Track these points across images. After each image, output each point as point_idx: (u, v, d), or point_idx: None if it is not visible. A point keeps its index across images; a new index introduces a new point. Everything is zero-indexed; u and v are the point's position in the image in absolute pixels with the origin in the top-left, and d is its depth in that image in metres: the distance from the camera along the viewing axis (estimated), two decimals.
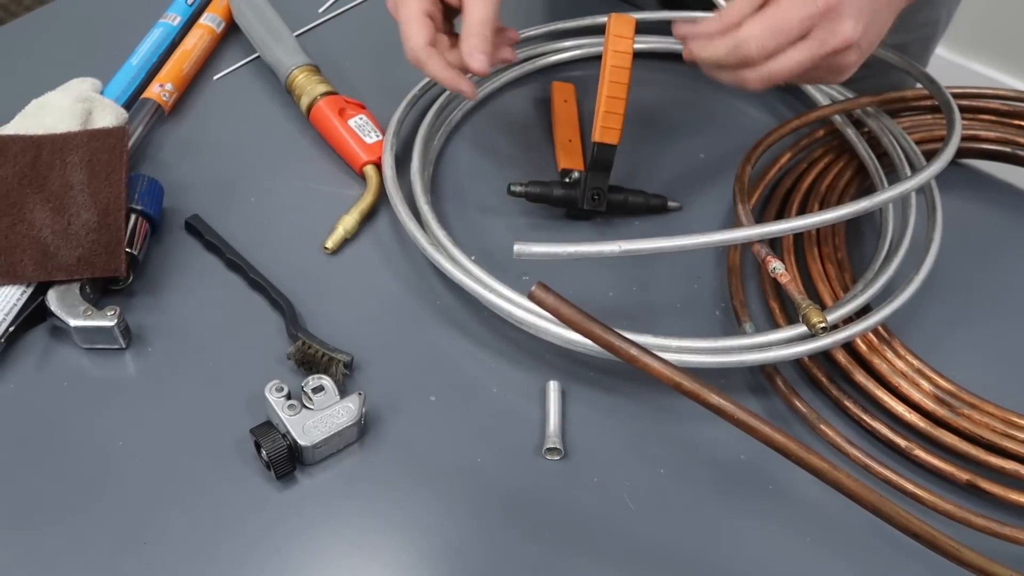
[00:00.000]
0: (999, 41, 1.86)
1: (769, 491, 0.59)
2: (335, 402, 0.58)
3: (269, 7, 0.83)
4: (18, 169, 0.65)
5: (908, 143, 0.74)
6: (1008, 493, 0.58)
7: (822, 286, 0.66)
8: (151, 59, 0.80)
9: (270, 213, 0.72)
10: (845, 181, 0.74)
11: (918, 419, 0.61)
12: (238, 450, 0.58)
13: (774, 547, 0.57)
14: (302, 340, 0.61)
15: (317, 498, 0.57)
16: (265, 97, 0.81)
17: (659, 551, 0.56)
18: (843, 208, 0.62)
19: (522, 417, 0.61)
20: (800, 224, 0.63)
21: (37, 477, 0.57)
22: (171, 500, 0.56)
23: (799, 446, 0.49)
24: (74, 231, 0.63)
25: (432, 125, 0.76)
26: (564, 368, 0.63)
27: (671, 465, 0.60)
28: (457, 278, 0.64)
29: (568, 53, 0.85)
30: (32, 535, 0.54)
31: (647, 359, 0.50)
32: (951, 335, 0.68)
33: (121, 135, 0.67)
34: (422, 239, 0.66)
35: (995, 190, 0.79)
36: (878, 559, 0.56)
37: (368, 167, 0.73)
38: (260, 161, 0.76)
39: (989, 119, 0.78)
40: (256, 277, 0.66)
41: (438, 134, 0.77)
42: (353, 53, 0.85)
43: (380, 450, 0.59)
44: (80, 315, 0.61)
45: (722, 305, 0.68)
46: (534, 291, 0.52)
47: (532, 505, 0.58)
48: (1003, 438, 0.59)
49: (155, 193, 0.68)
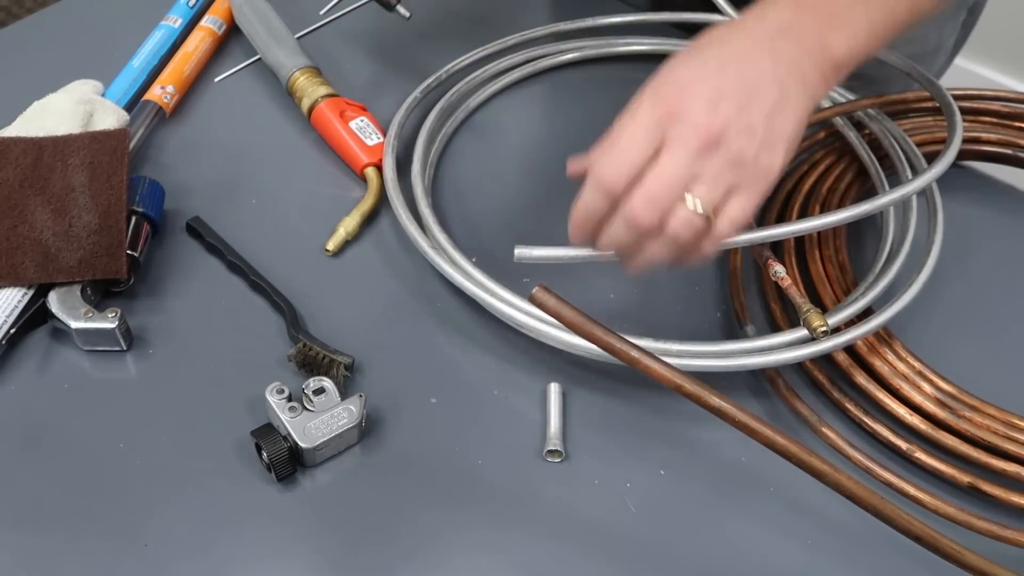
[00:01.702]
0: (999, 42, 1.86)
1: (770, 493, 0.59)
2: (336, 404, 0.58)
3: (270, 9, 0.83)
4: (19, 171, 0.65)
5: (909, 145, 0.74)
6: (1010, 496, 0.58)
7: (823, 288, 0.66)
8: (152, 61, 0.80)
9: (271, 215, 0.72)
10: (846, 183, 0.73)
11: (919, 421, 0.61)
12: (239, 452, 0.58)
13: (775, 550, 0.57)
14: (303, 342, 0.62)
15: (318, 500, 0.57)
16: (266, 99, 0.81)
17: (660, 553, 0.56)
18: (844, 211, 0.62)
19: (523, 419, 0.61)
20: (802, 227, 0.63)
21: (38, 479, 0.57)
22: (172, 502, 0.56)
23: (800, 448, 0.49)
24: (75, 233, 0.63)
25: (433, 128, 0.76)
26: (565, 370, 0.63)
27: (672, 467, 0.60)
28: (459, 282, 0.64)
29: (570, 55, 0.85)
30: (33, 537, 0.54)
31: (648, 361, 0.50)
32: (952, 337, 0.68)
33: (122, 137, 0.67)
34: (423, 243, 0.66)
35: (996, 192, 0.79)
36: (879, 562, 0.56)
37: (369, 169, 0.73)
38: (261, 163, 0.76)
39: (990, 121, 0.78)
40: (257, 279, 0.66)
41: (439, 136, 0.77)
42: (354, 55, 0.85)
43: (381, 452, 0.59)
44: (81, 317, 0.61)
45: (723, 307, 0.68)
46: (535, 293, 0.52)
47: (533, 507, 0.58)
48: (1004, 440, 0.59)
49: (156, 195, 0.68)
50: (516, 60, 0.84)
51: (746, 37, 0.52)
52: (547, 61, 0.85)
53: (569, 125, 0.83)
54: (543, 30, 0.85)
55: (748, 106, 0.50)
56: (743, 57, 0.51)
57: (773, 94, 0.50)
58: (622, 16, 0.87)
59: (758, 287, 0.70)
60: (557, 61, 0.85)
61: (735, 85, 0.50)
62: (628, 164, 0.50)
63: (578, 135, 0.81)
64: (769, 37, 0.51)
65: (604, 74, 0.86)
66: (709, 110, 0.49)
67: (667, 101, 0.50)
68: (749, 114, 0.50)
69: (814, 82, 0.52)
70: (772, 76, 0.51)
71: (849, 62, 0.53)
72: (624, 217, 0.51)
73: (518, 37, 0.84)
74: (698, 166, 0.50)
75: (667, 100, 0.50)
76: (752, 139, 0.50)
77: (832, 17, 0.51)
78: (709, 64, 0.51)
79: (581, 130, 0.81)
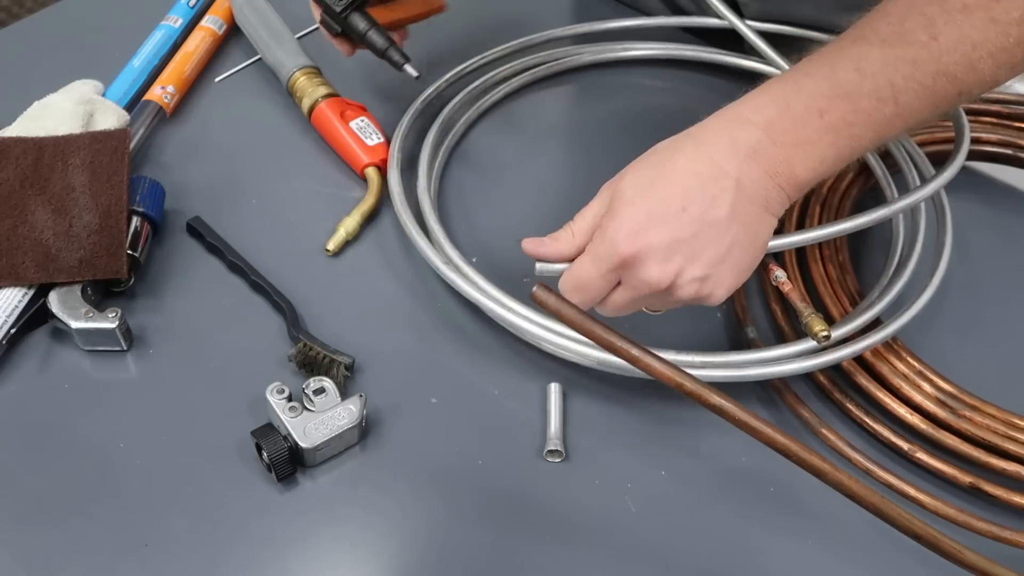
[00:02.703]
0: None
1: (770, 493, 0.59)
2: (336, 404, 0.58)
3: (271, 9, 0.83)
4: (20, 171, 0.65)
5: (912, 145, 0.73)
6: (1011, 496, 0.58)
7: (823, 289, 0.66)
8: (153, 61, 0.80)
9: (271, 215, 0.72)
10: (847, 182, 0.73)
11: (920, 421, 0.61)
12: (239, 452, 0.58)
13: (775, 549, 0.57)
14: (303, 342, 0.61)
15: (318, 500, 0.57)
16: (266, 99, 0.81)
17: (660, 553, 0.56)
18: (857, 219, 0.61)
19: (523, 419, 0.61)
20: (814, 236, 0.61)
21: (38, 479, 0.57)
22: (172, 502, 0.56)
23: (800, 447, 0.49)
24: (76, 233, 0.63)
25: (439, 133, 0.76)
26: (566, 370, 0.63)
27: (672, 467, 0.60)
28: (464, 290, 0.64)
29: (571, 59, 0.85)
30: (33, 537, 0.54)
31: (649, 360, 0.50)
32: (952, 337, 0.68)
33: (123, 137, 0.67)
34: (429, 251, 0.66)
35: (996, 192, 0.79)
36: (880, 561, 0.56)
37: (369, 169, 0.73)
38: (261, 163, 0.76)
39: (990, 121, 0.78)
40: (257, 279, 0.66)
41: (444, 141, 0.77)
42: (354, 55, 0.85)
43: (381, 452, 0.59)
44: (81, 317, 0.61)
45: (723, 309, 0.68)
46: (536, 292, 0.52)
47: (533, 507, 0.58)
48: (1004, 440, 0.59)
49: (156, 195, 0.68)
50: (528, 63, 0.84)
51: (712, 169, 0.53)
52: (556, 65, 0.85)
53: (579, 127, 0.83)
54: (558, 32, 0.85)
55: (700, 254, 0.53)
56: (705, 196, 0.52)
57: (729, 236, 0.53)
58: (632, 20, 0.87)
59: (759, 288, 0.69)
60: (566, 65, 0.85)
61: (692, 231, 0.52)
62: (590, 300, 0.56)
63: (587, 137, 0.82)
64: (737, 165, 0.52)
65: (613, 79, 0.86)
66: (663, 263, 0.53)
67: (624, 251, 0.53)
68: (702, 264, 0.53)
69: (776, 204, 0.54)
70: (730, 214, 0.52)
71: (812, 183, 0.55)
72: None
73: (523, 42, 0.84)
74: (649, 302, 0.56)
75: (624, 250, 0.53)
76: (703, 284, 0.54)
77: (801, 143, 0.53)
78: (669, 202, 0.53)
79: (590, 132, 0.82)
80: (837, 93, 0.53)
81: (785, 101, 0.53)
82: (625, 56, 0.86)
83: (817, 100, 0.53)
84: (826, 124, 0.53)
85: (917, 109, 0.53)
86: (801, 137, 0.53)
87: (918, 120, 0.55)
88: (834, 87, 0.53)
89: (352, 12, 0.71)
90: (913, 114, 0.54)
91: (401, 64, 0.73)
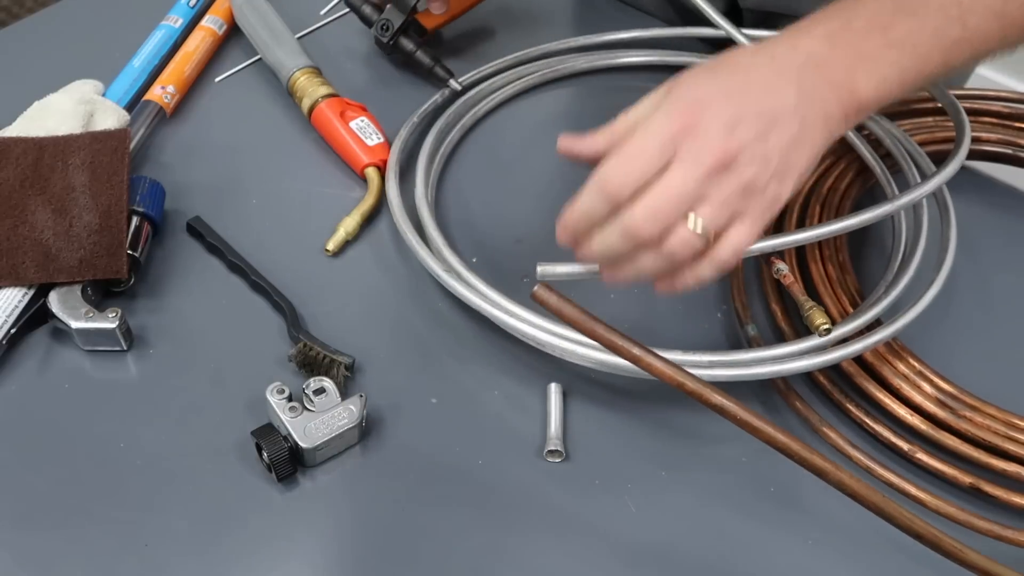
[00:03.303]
0: None
1: (771, 493, 0.59)
2: (336, 404, 0.58)
3: (271, 9, 0.83)
4: (20, 171, 0.65)
5: (912, 144, 0.73)
6: (1011, 496, 0.58)
7: (823, 289, 0.66)
8: (153, 61, 0.80)
9: (271, 215, 0.72)
10: (847, 183, 0.73)
11: (920, 421, 0.60)
12: (239, 452, 0.58)
13: (776, 549, 0.57)
14: (303, 342, 0.61)
15: (318, 500, 0.57)
16: (266, 99, 0.81)
17: (660, 553, 0.56)
18: (858, 216, 0.60)
19: (523, 419, 0.61)
20: (816, 233, 0.61)
21: (38, 479, 0.57)
22: (172, 502, 0.56)
23: (801, 446, 0.49)
24: (76, 233, 0.63)
25: (438, 136, 0.76)
26: (566, 370, 0.63)
27: (672, 467, 0.60)
28: (461, 293, 0.64)
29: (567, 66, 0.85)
30: (33, 536, 0.54)
31: (650, 359, 0.50)
32: (952, 337, 0.68)
33: (123, 137, 0.67)
34: (429, 259, 0.66)
35: (996, 192, 0.79)
36: (881, 561, 0.56)
37: (369, 169, 0.73)
38: (261, 163, 0.76)
39: (991, 121, 0.78)
40: (257, 279, 0.66)
41: (444, 143, 0.77)
42: (354, 55, 0.85)
43: (381, 452, 0.59)
44: (81, 317, 0.61)
45: (724, 307, 0.68)
46: (536, 291, 0.52)
47: (533, 507, 0.58)
48: (1005, 440, 0.59)
49: (157, 195, 0.68)
50: (528, 69, 0.84)
51: (773, 65, 0.50)
52: (554, 71, 0.84)
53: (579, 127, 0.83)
54: (558, 44, 0.85)
55: (766, 135, 0.49)
56: (768, 86, 0.50)
57: (793, 127, 0.49)
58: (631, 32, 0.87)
59: (758, 286, 0.69)
60: (564, 71, 0.85)
61: (756, 112, 0.49)
62: (636, 173, 0.49)
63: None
64: (797, 68, 0.50)
65: (612, 83, 0.85)
66: (726, 132, 0.48)
67: (684, 115, 0.48)
68: (766, 143, 0.49)
69: (835, 120, 0.51)
70: (794, 110, 0.49)
71: (873, 105, 0.51)
72: (623, 226, 0.50)
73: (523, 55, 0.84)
74: (707, 187, 0.49)
75: (684, 114, 0.48)
76: (765, 168, 0.49)
77: (863, 57, 0.50)
78: (732, 86, 0.50)
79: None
80: (902, 9, 0.50)
81: (846, 17, 0.51)
82: (623, 63, 0.86)
83: (880, 16, 0.50)
84: (889, 40, 0.50)
85: (986, 33, 0.51)
86: (863, 51, 0.50)
87: (987, 48, 0.52)
88: (898, 4, 0.51)
89: (399, 38, 0.80)
90: (982, 39, 0.51)
91: (446, 79, 0.80)
